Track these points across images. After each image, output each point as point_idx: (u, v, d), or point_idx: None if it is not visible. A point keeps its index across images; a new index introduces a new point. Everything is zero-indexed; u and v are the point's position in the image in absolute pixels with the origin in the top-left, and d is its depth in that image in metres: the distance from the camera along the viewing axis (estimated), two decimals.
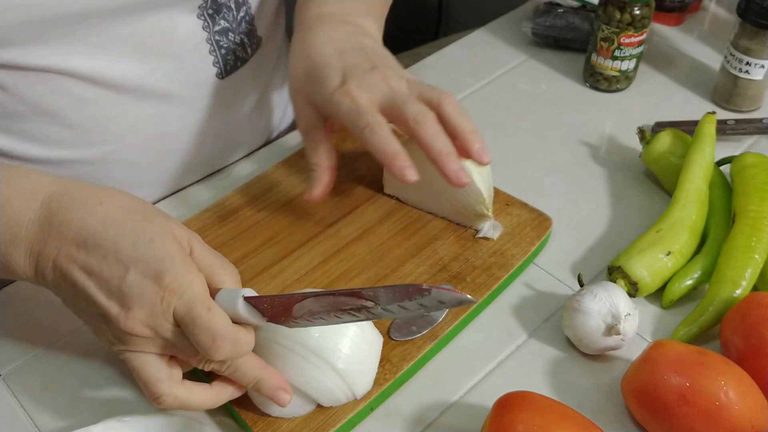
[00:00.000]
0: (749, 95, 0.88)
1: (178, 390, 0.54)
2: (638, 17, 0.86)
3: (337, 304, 0.52)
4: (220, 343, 0.51)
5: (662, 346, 0.58)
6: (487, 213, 0.69)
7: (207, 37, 0.73)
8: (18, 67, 0.64)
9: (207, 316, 0.51)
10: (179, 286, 0.52)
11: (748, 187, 0.70)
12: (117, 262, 0.52)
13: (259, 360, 0.55)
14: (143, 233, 0.53)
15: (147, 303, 0.52)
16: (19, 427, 0.60)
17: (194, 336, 0.51)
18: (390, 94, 0.64)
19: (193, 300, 0.51)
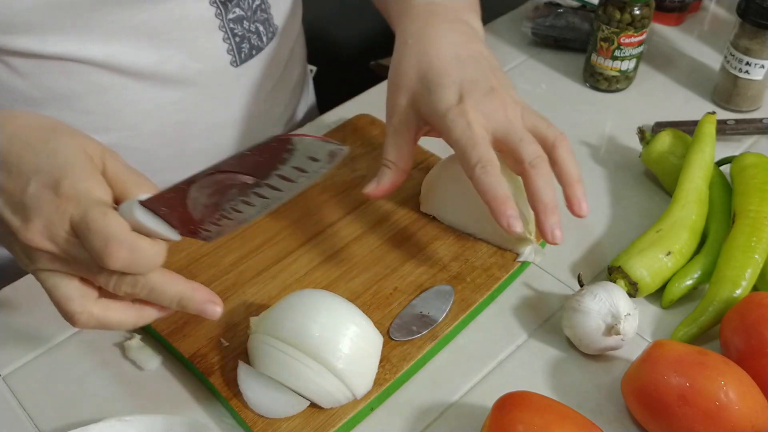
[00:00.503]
0: (749, 95, 0.88)
1: (93, 307, 0.51)
2: (638, 17, 0.86)
3: (218, 185, 0.48)
4: (114, 248, 0.48)
5: (662, 346, 0.58)
6: (529, 237, 0.68)
7: (220, 24, 0.74)
8: (35, 55, 0.66)
9: (101, 219, 0.48)
10: (76, 192, 0.49)
11: (748, 187, 0.70)
12: (20, 175, 0.51)
13: (178, 277, 0.52)
14: (47, 144, 0.51)
15: (44, 213, 0.50)
16: (19, 426, 0.60)
17: (89, 242, 0.48)
18: (507, 127, 0.61)
19: (88, 206, 0.49)
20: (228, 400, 0.59)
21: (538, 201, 0.61)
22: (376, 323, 0.61)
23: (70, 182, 0.50)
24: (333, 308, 0.58)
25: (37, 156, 0.51)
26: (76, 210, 0.49)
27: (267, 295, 0.67)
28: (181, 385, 0.62)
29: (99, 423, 0.57)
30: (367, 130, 0.81)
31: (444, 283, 0.67)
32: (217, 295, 0.65)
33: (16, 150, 0.51)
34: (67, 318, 0.52)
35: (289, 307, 0.59)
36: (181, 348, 0.62)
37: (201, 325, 0.64)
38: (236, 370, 0.60)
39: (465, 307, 0.66)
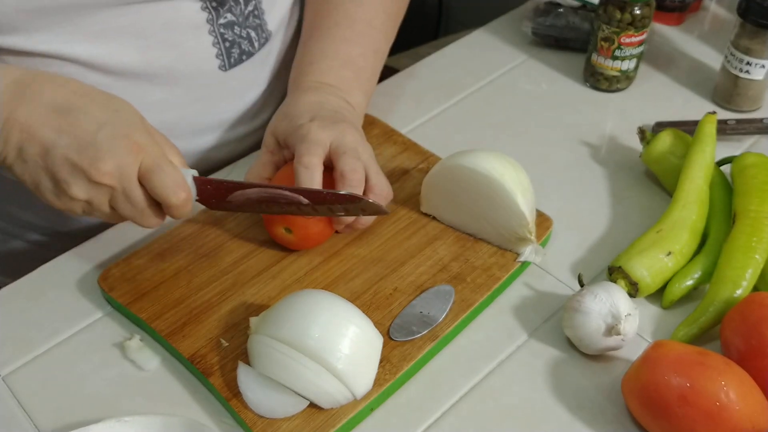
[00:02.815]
0: (749, 95, 0.88)
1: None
2: (638, 17, 0.86)
3: (277, 196, 0.63)
4: (181, 190, 0.60)
5: (662, 347, 0.58)
6: (530, 237, 0.68)
7: (210, 29, 0.74)
8: (22, 52, 0.67)
9: (171, 167, 0.60)
10: (146, 144, 0.59)
11: (749, 187, 0.70)
12: (89, 122, 0.58)
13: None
14: (110, 103, 0.60)
15: (118, 154, 0.58)
16: (18, 426, 0.60)
17: (160, 180, 0.59)
18: (340, 141, 0.67)
19: (160, 155, 0.60)
20: (228, 401, 0.59)
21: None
22: (376, 323, 0.61)
23: (139, 136, 0.59)
24: (333, 308, 0.58)
25: (103, 110, 0.59)
26: (147, 158, 0.59)
27: (267, 295, 0.67)
28: (181, 386, 0.62)
29: (99, 423, 0.57)
30: (367, 129, 0.81)
31: (444, 283, 0.67)
32: (217, 295, 0.66)
33: (82, 103, 0.59)
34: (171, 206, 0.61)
35: (289, 307, 0.59)
36: (181, 348, 0.62)
37: (201, 325, 0.64)
38: (236, 370, 0.60)
39: (465, 307, 0.66)
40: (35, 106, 0.58)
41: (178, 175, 0.60)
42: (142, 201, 0.60)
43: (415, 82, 0.93)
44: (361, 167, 0.66)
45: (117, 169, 0.58)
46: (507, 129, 0.87)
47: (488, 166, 0.67)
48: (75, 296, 0.69)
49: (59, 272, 0.70)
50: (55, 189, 0.60)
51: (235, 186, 0.64)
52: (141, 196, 0.60)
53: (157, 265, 0.69)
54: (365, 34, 0.79)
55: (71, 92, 0.59)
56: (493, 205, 0.68)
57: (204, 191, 0.64)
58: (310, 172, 0.65)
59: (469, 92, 0.92)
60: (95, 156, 0.58)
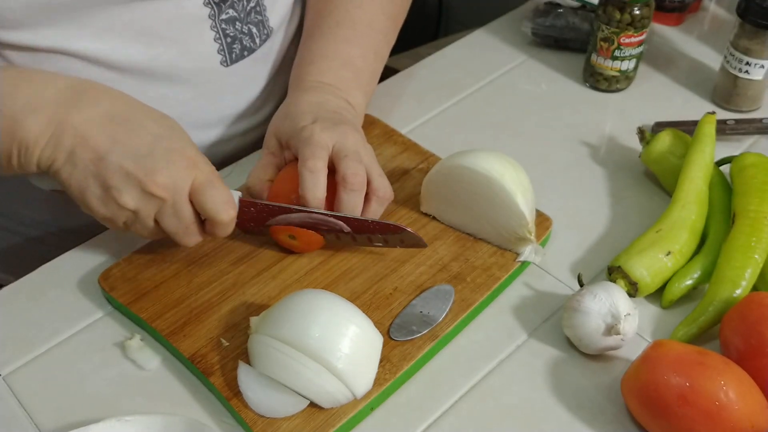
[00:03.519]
0: (749, 95, 0.88)
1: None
2: (638, 17, 0.86)
3: (320, 222, 0.65)
4: (230, 207, 0.62)
5: (662, 346, 0.58)
6: (529, 237, 0.68)
7: (212, 24, 0.75)
8: (27, 48, 0.67)
9: (223, 185, 0.62)
10: (200, 161, 0.62)
11: (748, 187, 0.70)
12: (146, 135, 0.60)
13: None
14: (165, 120, 0.63)
15: (173, 169, 0.60)
16: (19, 426, 0.60)
17: (211, 197, 0.61)
18: (342, 143, 0.67)
19: (212, 172, 0.62)
20: (228, 400, 0.59)
21: (338, 210, 0.67)
22: (376, 323, 0.61)
23: (194, 152, 0.62)
24: (333, 308, 0.58)
25: (159, 125, 0.62)
26: (200, 174, 0.61)
27: (267, 295, 0.67)
28: (182, 385, 0.62)
29: (99, 423, 0.57)
30: (367, 130, 0.81)
31: (444, 283, 0.67)
32: (218, 295, 0.66)
33: (138, 115, 0.62)
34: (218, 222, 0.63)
35: (290, 307, 0.59)
36: (182, 348, 0.62)
37: (201, 325, 0.64)
38: (236, 370, 0.60)
39: (465, 306, 0.66)
40: (91, 113, 0.60)
41: (229, 194, 0.62)
42: (190, 216, 0.62)
43: (415, 83, 0.93)
44: (363, 170, 0.66)
45: (172, 182, 0.60)
46: (507, 129, 0.87)
47: (488, 166, 0.67)
48: (75, 296, 0.69)
49: (60, 272, 0.71)
50: (103, 196, 0.61)
51: (279, 210, 0.65)
52: (190, 211, 0.62)
53: (158, 264, 0.69)
54: (366, 35, 0.79)
55: (126, 104, 0.62)
56: (493, 205, 0.68)
57: (246, 213, 0.65)
58: (315, 176, 0.65)
59: (469, 92, 0.92)
60: (152, 167, 0.59)
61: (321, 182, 0.65)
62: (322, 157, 0.66)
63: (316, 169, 0.65)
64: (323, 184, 0.65)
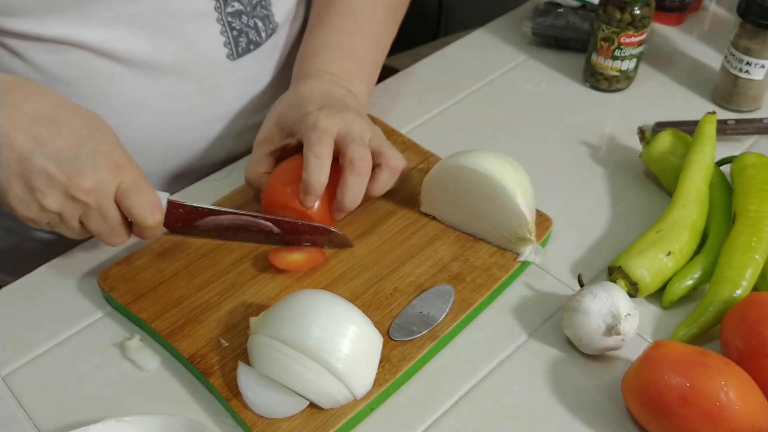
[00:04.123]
0: (749, 95, 0.88)
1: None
2: (638, 17, 0.86)
3: (250, 224, 0.65)
4: (157, 211, 0.62)
5: (662, 347, 0.58)
6: (530, 237, 0.68)
7: (218, 17, 0.75)
8: (32, 37, 0.68)
9: (149, 188, 0.62)
10: (126, 164, 0.61)
11: (749, 187, 0.70)
12: (71, 136, 0.59)
13: None
14: (93, 120, 0.61)
15: (98, 172, 0.59)
16: (19, 426, 0.60)
17: (137, 201, 0.61)
18: (348, 129, 0.68)
19: (138, 176, 0.61)
20: (228, 401, 0.59)
21: (341, 192, 0.67)
22: (376, 323, 0.61)
23: (119, 157, 0.60)
24: (333, 308, 0.58)
25: (86, 126, 0.60)
26: (128, 178, 0.60)
27: (267, 295, 0.67)
28: (181, 386, 0.62)
29: (99, 423, 0.57)
30: None
31: (444, 283, 0.67)
32: (217, 296, 0.66)
33: (65, 116, 0.60)
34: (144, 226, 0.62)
35: (289, 307, 0.59)
36: (181, 348, 0.62)
37: (201, 325, 0.64)
38: (236, 370, 0.60)
39: (465, 307, 0.66)
40: (17, 111, 0.58)
41: (155, 198, 0.62)
42: (115, 219, 0.61)
43: (415, 82, 0.93)
44: (368, 155, 0.67)
45: (96, 186, 0.59)
46: (507, 129, 0.87)
47: (488, 166, 0.67)
48: (75, 296, 0.69)
49: (59, 272, 0.71)
50: (26, 197, 0.59)
51: (207, 212, 0.65)
52: (115, 214, 0.61)
53: (157, 265, 0.69)
54: (367, 26, 0.80)
55: (55, 104, 0.60)
56: (493, 205, 0.68)
57: (174, 214, 0.65)
58: (320, 161, 0.65)
59: (469, 92, 0.92)
60: (76, 170, 0.58)
61: (325, 167, 0.66)
62: (328, 144, 0.66)
63: (321, 155, 0.65)
64: (327, 170, 0.66)
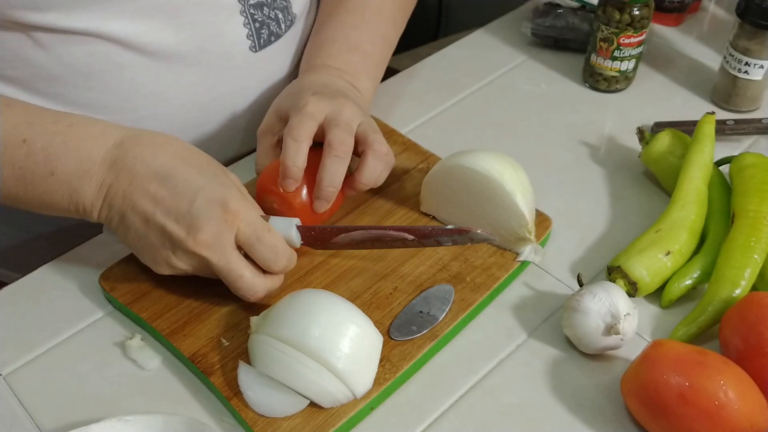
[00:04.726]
0: (748, 95, 0.88)
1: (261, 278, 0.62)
2: (637, 18, 0.86)
3: (382, 236, 0.64)
4: (281, 257, 0.61)
5: (661, 346, 0.58)
6: (529, 237, 0.68)
7: (241, 9, 0.75)
8: (58, 30, 0.68)
9: (269, 235, 0.61)
10: (242, 211, 0.60)
11: (748, 187, 0.70)
12: (186, 190, 0.59)
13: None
14: (208, 167, 0.62)
15: (214, 224, 0.59)
16: (19, 426, 0.60)
17: (259, 252, 0.60)
18: (335, 114, 0.67)
19: (257, 222, 0.61)
20: (228, 400, 0.59)
21: (320, 176, 0.66)
22: (376, 323, 0.62)
23: (235, 203, 0.60)
24: (333, 308, 0.58)
25: (203, 175, 0.60)
26: (244, 225, 0.60)
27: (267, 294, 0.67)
28: (182, 385, 0.63)
29: (99, 423, 0.57)
30: None
31: (444, 282, 0.67)
32: (218, 295, 0.66)
33: (182, 167, 0.60)
34: (247, 290, 0.62)
35: (290, 307, 0.59)
36: (182, 348, 0.63)
37: (202, 324, 0.64)
38: (237, 369, 0.60)
39: (465, 306, 0.66)
40: (134, 174, 0.60)
41: (276, 241, 0.61)
42: (242, 269, 0.61)
43: (416, 83, 0.93)
44: (349, 139, 0.67)
45: (214, 239, 0.59)
46: (507, 129, 0.87)
47: (488, 166, 0.68)
48: (76, 296, 0.69)
49: (60, 272, 0.71)
50: (156, 257, 0.61)
51: (338, 230, 0.65)
52: (240, 263, 0.60)
53: None
54: (374, 21, 0.81)
55: (171, 155, 0.61)
56: (493, 205, 0.68)
57: (308, 237, 0.65)
58: (297, 144, 0.65)
59: (469, 92, 0.92)
60: (192, 225, 0.59)
61: (302, 150, 0.65)
62: (308, 127, 0.66)
63: (299, 138, 0.65)
64: (304, 153, 0.65)
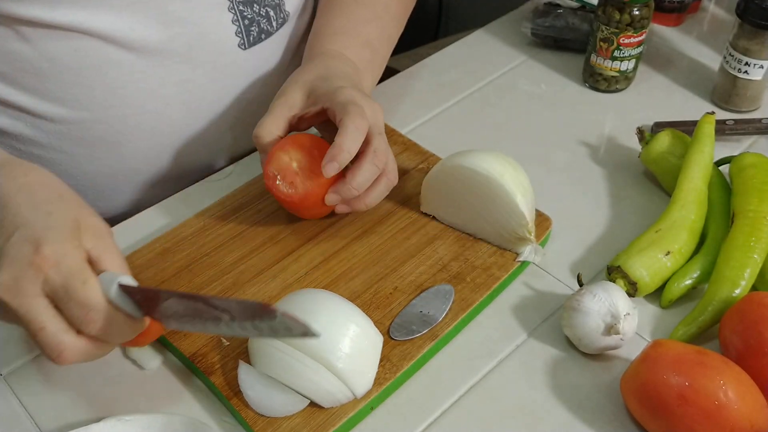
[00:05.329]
0: (748, 95, 0.88)
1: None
2: (637, 18, 0.86)
3: (197, 311, 0.51)
4: (93, 317, 0.51)
5: (661, 346, 0.58)
6: (529, 237, 0.68)
7: (230, 5, 0.75)
8: (44, 24, 0.67)
9: (82, 288, 0.50)
10: (57, 256, 0.51)
11: (747, 187, 0.70)
12: (11, 224, 0.52)
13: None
14: (47, 205, 0.54)
15: (16, 268, 0.50)
16: (19, 426, 0.60)
17: (68, 308, 0.51)
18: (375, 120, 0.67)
19: (70, 272, 0.51)
20: (228, 400, 0.59)
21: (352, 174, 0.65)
22: (376, 323, 0.62)
23: (51, 247, 0.51)
24: (333, 308, 0.59)
25: (33, 212, 0.53)
26: (55, 273, 0.50)
27: (267, 295, 0.67)
28: (182, 385, 0.63)
29: (99, 423, 0.57)
30: None
31: (444, 282, 0.68)
32: (218, 294, 0.66)
33: (17, 201, 0.54)
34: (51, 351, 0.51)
35: (289, 307, 0.59)
36: (182, 347, 0.63)
37: None
38: (237, 369, 0.60)
39: (465, 306, 0.66)
40: None
41: (91, 296, 0.51)
42: (43, 321, 0.51)
43: (415, 83, 0.93)
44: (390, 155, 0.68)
45: (14, 281, 0.50)
46: (507, 129, 0.87)
47: (488, 166, 0.68)
48: None
49: None
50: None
51: (156, 294, 0.53)
52: (42, 314, 0.51)
53: (158, 264, 0.69)
54: (382, 18, 0.80)
55: (15, 187, 0.54)
56: (493, 205, 0.68)
57: (139, 301, 0.53)
58: (359, 133, 0.64)
59: (469, 92, 0.92)
60: (5, 278, 0.51)
61: (359, 141, 0.64)
62: (365, 122, 0.65)
63: (361, 128, 0.64)
64: (360, 144, 0.64)
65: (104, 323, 0.51)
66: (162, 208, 0.77)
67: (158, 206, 0.77)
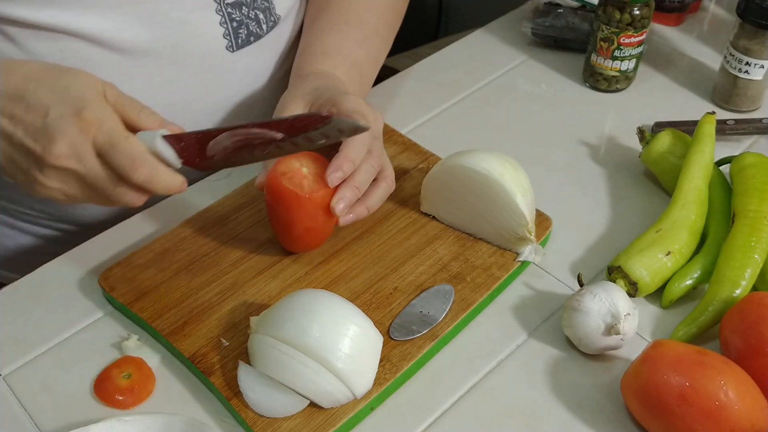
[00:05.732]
0: (749, 95, 0.88)
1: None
2: (638, 17, 0.86)
3: (249, 137, 0.59)
4: (139, 165, 0.57)
5: (662, 346, 0.58)
6: (529, 237, 0.68)
7: (217, 7, 0.75)
8: (30, 24, 0.67)
9: (125, 142, 0.57)
10: (97, 119, 0.57)
11: (748, 187, 0.70)
12: (38, 106, 0.57)
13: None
14: (59, 81, 0.58)
15: (69, 134, 0.56)
16: (19, 426, 0.60)
17: (114, 161, 0.57)
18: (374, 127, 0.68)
19: (112, 130, 0.57)
20: (228, 400, 0.59)
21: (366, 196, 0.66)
22: (376, 323, 0.62)
23: (89, 111, 0.57)
24: (333, 308, 0.58)
25: (53, 91, 0.58)
26: (100, 133, 0.57)
27: (267, 294, 0.67)
28: (182, 385, 0.63)
29: (99, 422, 0.57)
30: None
31: (444, 282, 0.67)
32: (218, 295, 0.66)
33: (32, 87, 0.58)
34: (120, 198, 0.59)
35: (290, 306, 0.59)
36: (182, 348, 0.63)
37: (201, 324, 0.64)
38: (236, 369, 0.60)
39: (465, 306, 0.66)
40: None
41: (135, 148, 0.57)
42: (106, 179, 0.58)
43: (415, 83, 0.93)
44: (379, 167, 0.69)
45: (71, 150, 0.57)
46: (507, 129, 0.87)
47: (488, 166, 0.68)
48: (76, 296, 0.69)
49: (60, 272, 0.71)
50: (27, 179, 0.60)
51: (205, 135, 0.59)
52: (103, 173, 0.58)
53: (158, 264, 0.69)
54: (371, 40, 0.80)
55: (21, 77, 0.58)
56: (493, 205, 0.68)
57: (181, 150, 0.59)
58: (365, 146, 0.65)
59: (469, 92, 0.92)
60: (47, 140, 0.57)
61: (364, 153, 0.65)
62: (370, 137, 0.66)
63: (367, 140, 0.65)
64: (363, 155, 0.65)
65: (149, 169, 0.57)
66: (161, 209, 0.77)
67: (158, 206, 0.77)
